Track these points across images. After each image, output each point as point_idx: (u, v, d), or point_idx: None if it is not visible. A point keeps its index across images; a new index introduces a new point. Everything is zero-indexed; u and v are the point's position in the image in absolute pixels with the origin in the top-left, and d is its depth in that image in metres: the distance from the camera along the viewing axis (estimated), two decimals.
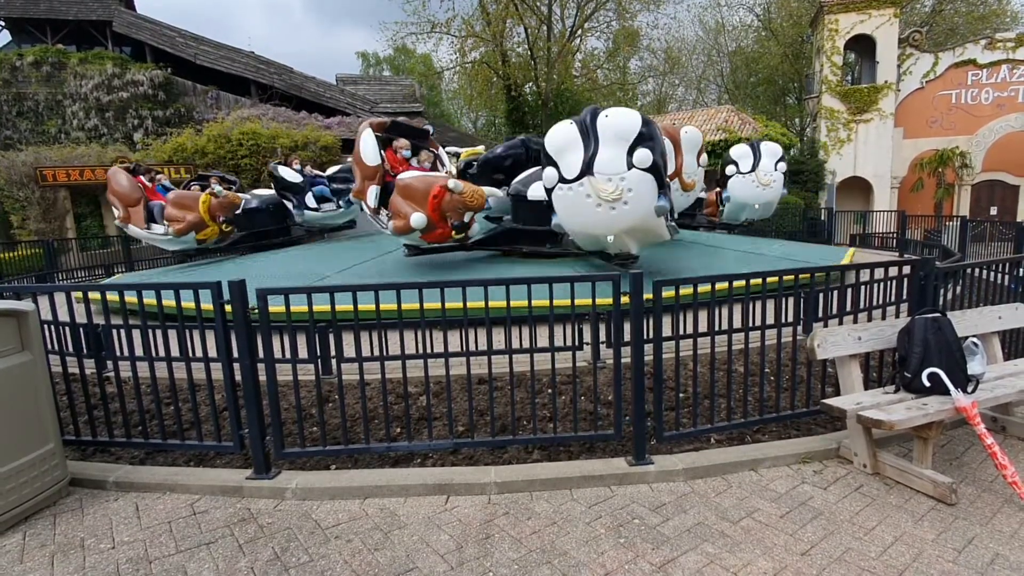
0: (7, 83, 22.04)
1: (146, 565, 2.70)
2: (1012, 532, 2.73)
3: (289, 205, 11.16)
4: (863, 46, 21.26)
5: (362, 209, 11.54)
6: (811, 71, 24.25)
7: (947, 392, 3.19)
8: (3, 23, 24.19)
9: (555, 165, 5.84)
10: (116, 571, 2.67)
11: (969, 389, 3.26)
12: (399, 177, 7.15)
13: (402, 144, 7.95)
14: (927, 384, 3.26)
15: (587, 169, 5.59)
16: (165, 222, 9.84)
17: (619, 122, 5.57)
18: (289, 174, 11.22)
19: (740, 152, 10.45)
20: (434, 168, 8.09)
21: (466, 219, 7.01)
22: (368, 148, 7.30)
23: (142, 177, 10.39)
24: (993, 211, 20.41)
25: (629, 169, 5.50)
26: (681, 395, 4.00)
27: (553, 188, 5.97)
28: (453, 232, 7.01)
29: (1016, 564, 2.50)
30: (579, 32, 28.92)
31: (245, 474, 3.41)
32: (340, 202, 11.37)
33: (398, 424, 3.95)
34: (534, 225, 7.42)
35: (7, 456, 3.02)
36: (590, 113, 5.77)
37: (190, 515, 3.13)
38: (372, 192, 7.36)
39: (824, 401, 3.43)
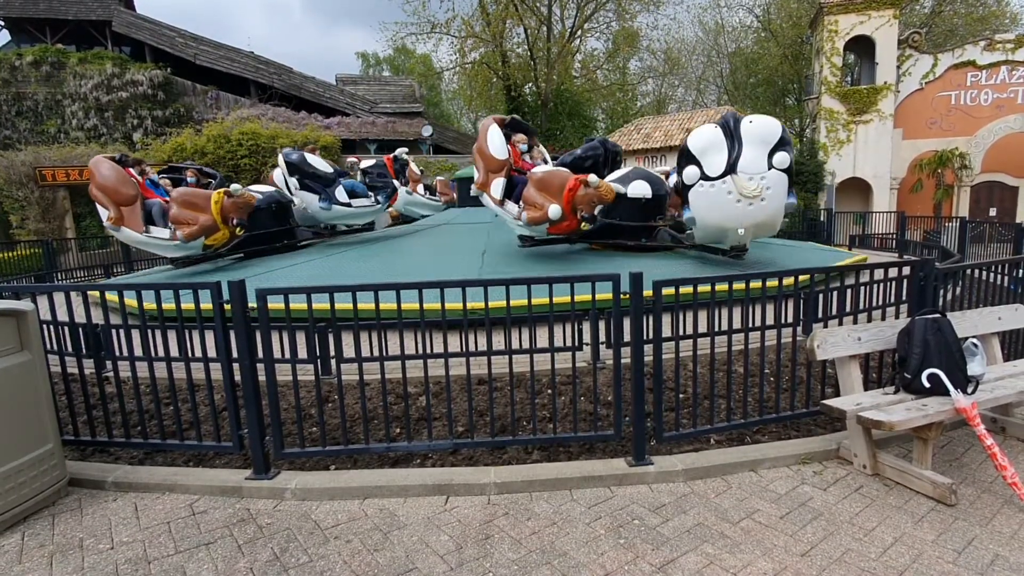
0: (6, 83, 22.04)
1: (145, 566, 2.70)
2: (1012, 533, 2.73)
3: (314, 198, 9.67)
4: (862, 47, 21.27)
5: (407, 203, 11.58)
6: (810, 72, 24.27)
7: (947, 393, 3.19)
8: (3, 23, 24.16)
9: (697, 164, 6.40)
10: (115, 571, 2.66)
11: (969, 390, 3.26)
12: (533, 171, 7.47)
13: (520, 139, 8.13)
14: (927, 385, 3.26)
15: (731, 168, 6.16)
16: (171, 225, 8.37)
17: (762, 127, 6.22)
18: (319, 163, 9.80)
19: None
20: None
21: (596, 212, 7.28)
22: (496, 142, 7.56)
23: (132, 170, 8.82)
24: (992, 212, 20.43)
25: (769, 169, 6.11)
26: (681, 396, 3.99)
27: (692, 185, 6.49)
28: (582, 224, 7.26)
29: (1016, 565, 2.50)
30: (579, 33, 28.94)
31: (244, 474, 3.41)
32: (378, 197, 10.17)
33: (398, 424, 3.94)
34: (629, 221, 7.86)
35: (6, 456, 3.01)
36: (732, 118, 6.42)
37: (189, 515, 3.12)
38: (498, 184, 7.56)
39: (824, 402, 3.42)
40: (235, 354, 3.35)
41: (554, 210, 6.93)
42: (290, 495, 3.25)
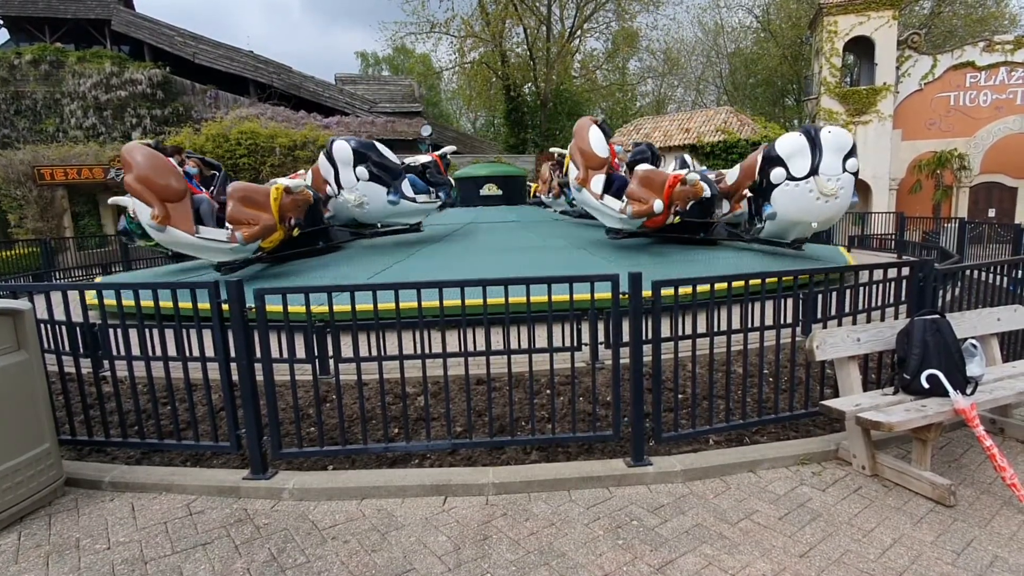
0: (5, 82, 21.99)
1: (141, 566, 2.68)
2: (1011, 534, 2.73)
3: (381, 191, 8.53)
4: (862, 48, 21.29)
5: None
6: (810, 72, 24.29)
7: (946, 394, 3.18)
8: (1, 21, 24.12)
9: (784, 166, 7.44)
10: (111, 572, 2.65)
11: (968, 391, 3.25)
12: (638, 168, 8.15)
13: (620, 140, 8.86)
14: (926, 386, 3.25)
15: (814, 171, 7.23)
16: (228, 225, 7.25)
17: (839, 136, 7.34)
18: (389, 152, 8.72)
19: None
20: None
21: (687, 208, 8.08)
22: (599, 141, 8.20)
23: (172, 160, 7.56)
24: (991, 213, 20.46)
25: (843, 172, 7.24)
26: (680, 396, 3.99)
27: (779, 184, 7.51)
28: (676, 219, 8.07)
29: (1015, 566, 2.50)
30: (578, 33, 28.96)
31: (242, 474, 3.39)
32: (439, 194, 9.47)
33: (396, 424, 3.93)
34: (692, 217, 8.77)
35: (2, 456, 3.00)
36: (813, 129, 7.47)
37: (186, 515, 3.11)
38: (599, 180, 8.18)
39: (823, 403, 3.42)
40: (233, 353, 3.34)
41: (658, 205, 7.69)
42: (287, 495, 3.24)
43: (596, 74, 32.86)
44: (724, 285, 3.55)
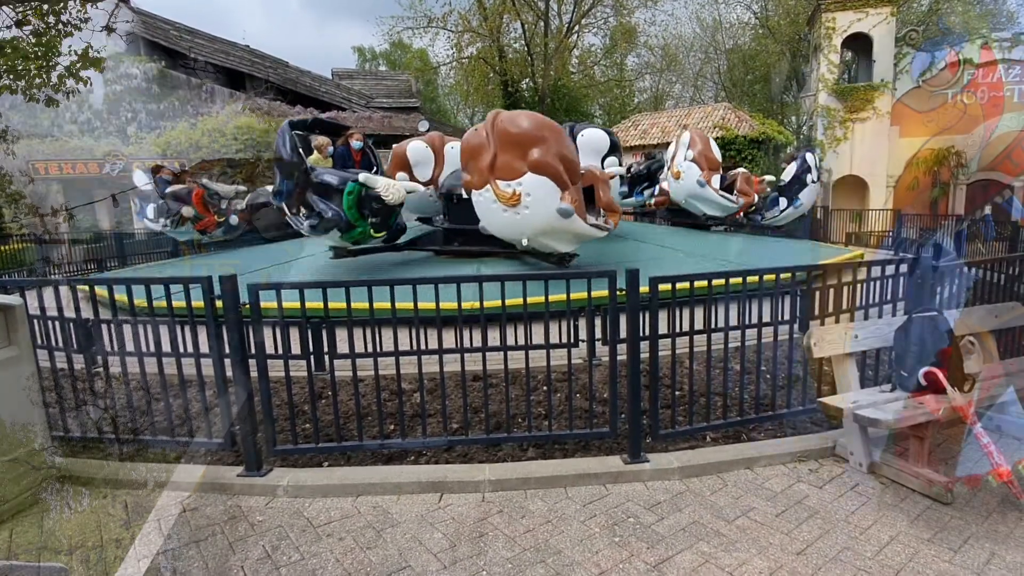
0: None
1: (134, 564, 2.66)
2: (1008, 532, 2.72)
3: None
4: (860, 44, 21.25)
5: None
6: (808, 69, 24.24)
7: (943, 391, 3.17)
8: None
9: (811, 172, 11.26)
10: None
11: (965, 388, 3.24)
12: (741, 171, 11.05)
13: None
14: (923, 383, 3.25)
15: (817, 177, 11.40)
16: (603, 212, 6.49)
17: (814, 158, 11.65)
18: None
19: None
20: None
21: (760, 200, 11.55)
22: (717, 150, 10.75)
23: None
24: (988, 210, 20.47)
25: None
26: (677, 393, 3.97)
27: (810, 184, 11.27)
28: (753, 208, 11.50)
29: (1012, 564, 2.49)
30: (576, 28, 28.85)
31: (236, 471, 3.37)
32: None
33: (392, 421, 3.91)
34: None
35: None
36: (810, 149, 12.01)
37: (179, 512, 3.09)
38: (716, 179, 10.54)
39: (820, 400, 3.41)
40: (227, 350, 3.31)
41: (756, 198, 11.00)
42: (282, 492, 3.22)
43: (594, 70, 32.77)
44: (721, 281, 3.53)
